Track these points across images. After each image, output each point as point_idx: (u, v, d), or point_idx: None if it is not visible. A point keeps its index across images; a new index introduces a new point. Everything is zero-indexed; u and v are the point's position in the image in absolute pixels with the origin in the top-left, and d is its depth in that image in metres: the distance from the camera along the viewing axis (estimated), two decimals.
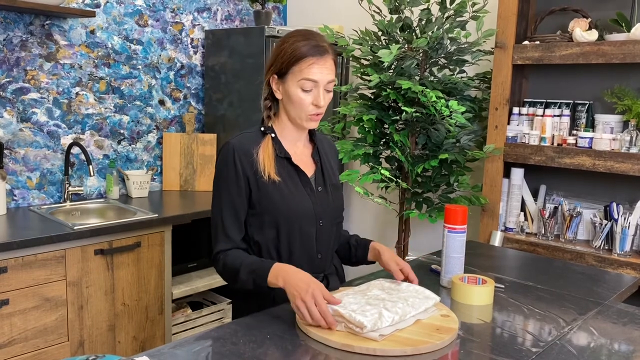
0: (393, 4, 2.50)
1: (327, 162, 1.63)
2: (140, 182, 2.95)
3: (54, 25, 2.67)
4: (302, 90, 1.45)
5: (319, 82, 1.45)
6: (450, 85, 2.50)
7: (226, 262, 1.47)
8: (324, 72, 1.45)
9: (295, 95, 1.46)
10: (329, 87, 1.48)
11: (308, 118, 1.49)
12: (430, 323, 1.32)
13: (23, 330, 2.15)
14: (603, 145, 2.17)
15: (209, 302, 3.07)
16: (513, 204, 2.43)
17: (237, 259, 1.46)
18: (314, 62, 1.44)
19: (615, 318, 1.46)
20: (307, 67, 1.43)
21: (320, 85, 1.45)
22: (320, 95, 1.46)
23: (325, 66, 1.45)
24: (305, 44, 1.44)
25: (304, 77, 1.44)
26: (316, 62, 1.44)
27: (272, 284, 1.38)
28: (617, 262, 2.10)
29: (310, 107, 1.47)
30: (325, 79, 1.46)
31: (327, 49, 1.47)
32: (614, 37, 2.19)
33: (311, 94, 1.46)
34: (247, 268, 1.43)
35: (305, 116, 1.48)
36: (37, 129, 2.67)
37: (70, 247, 2.24)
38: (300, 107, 1.47)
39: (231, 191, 1.49)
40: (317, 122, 1.52)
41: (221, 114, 3.20)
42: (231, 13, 3.42)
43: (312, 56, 1.43)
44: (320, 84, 1.45)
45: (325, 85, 1.46)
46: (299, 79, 1.44)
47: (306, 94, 1.46)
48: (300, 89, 1.45)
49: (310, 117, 1.49)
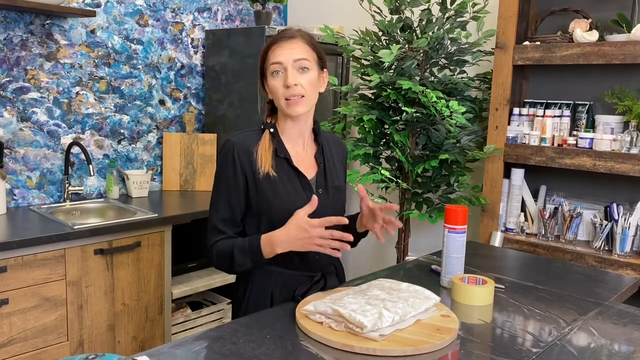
0: (393, 4, 2.50)
1: (332, 163, 1.61)
2: (140, 181, 2.95)
3: (54, 25, 2.67)
4: (272, 76, 1.47)
5: (284, 62, 1.45)
6: (451, 86, 2.50)
7: (219, 250, 1.48)
8: (287, 51, 1.45)
9: (270, 85, 1.48)
10: (300, 65, 1.45)
11: (286, 103, 1.46)
12: (431, 323, 1.31)
13: (22, 329, 2.15)
14: (603, 145, 2.17)
15: (208, 302, 3.06)
16: (513, 205, 2.43)
17: (227, 244, 1.48)
18: (277, 46, 1.46)
19: (616, 319, 1.45)
20: (272, 52, 1.46)
21: (287, 65, 1.44)
22: (288, 76, 1.44)
23: (290, 47, 1.45)
24: (274, 37, 1.48)
25: (270, 62, 1.46)
26: (279, 45, 1.46)
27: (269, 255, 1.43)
28: (618, 262, 2.10)
29: (281, 89, 1.45)
30: (290, 57, 1.45)
31: (295, 34, 1.48)
32: (614, 37, 2.19)
33: (280, 77, 1.46)
34: (239, 249, 1.45)
35: (284, 102, 1.46)
36: (37, 128, 2.67)
37: (70, 247, 2.24)
38: (276, 95, 1.47)
39: (229, 188, 1.49)
40: (297, 106, 1.46)
41: (221, 114, 3.19)
42: (231, 13, 3.42)
43: (275, 42, 1.47)
44: (287, 64, 1.44)
45: (292, 64, 1.45)
46: (268, 66, 1.47)
47: (277, 79, 1.46)
48: (272, 76, 1.47)
49: (287, 102, 1.46)
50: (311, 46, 1.49)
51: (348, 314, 1.25)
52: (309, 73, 1.47)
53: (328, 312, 1.29)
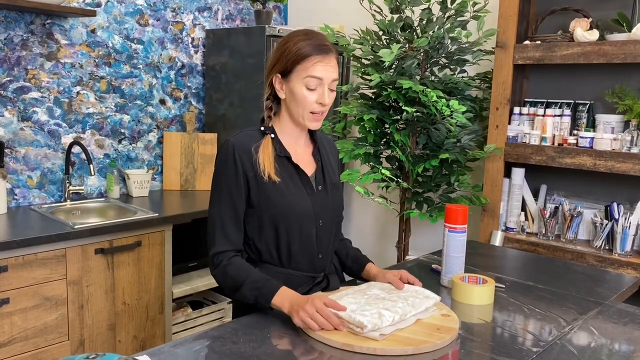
0: (394, 3, 2.50)
1: (328, 161, 1.63)
2: (141, 181, 2.95)
3: (54, 25, 2.67)
4: (307, 88, 1.46)
5: (324, 80, 1.46)
6: (451, 85, 2.50)
7: (228, 271, 1.44)
8: (329, 70, 1.46)
9: (299, 94, 1.46)
10: (332, 86, 1.49)
11: (310, 117, 1.49)
12: (431, 323, 1.32)
13: (23, 329, 2.15)
14: (604, 145, 2.17)
15: (209, 301, 3.07)
16: (514, 204, 2.43)
17: (241, 271, 1.43)
18: (319, 60, 1.45)
19: (616, 318, 1.45)
20: (312, 65, 1.44)
21: (325, 83, 1.46)
22: (325, 94, 1.46)
23: (330, 64, 1.47)
24: (310, 43, 1.46)
25: (309, 75, 1.45)
26: (321, 60, 1.45)
27: (276, 307, 1.36)
28: (618, 262, 2.10)
29: (314, 105, 1.47)
30: (330, 77, 1.47)
31: (331, 48, 1.48)
32: (615, 37, 2.18)
33: (315, 92, 1.46)
34: (251, 284, 1.40)
35: (308, 115, 1.48)
36: (37, 128, 2.67)
37: (70, 246, 2.24)
38: (304, 106, 1.47)
39: (231, 189, 1.48)
40: (319, 123, 1.52)
41: (222, 113, 3.20)
42: (232, 12, 3.42)
43: (317, 54, 1.45)
44: (325, 82, 1.46)
45: (329, 83, 1.47)
46: (304, 76, 1.45)
47: (310, 92, 1.46)
48: (305, 87, 1.46)
49: (313, 117, 1.49)
50: (338, 62, 1.52)
51: (347, 314, 1.25)
52: (334, 92, 1.50)
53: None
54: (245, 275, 1.42)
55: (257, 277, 1.41)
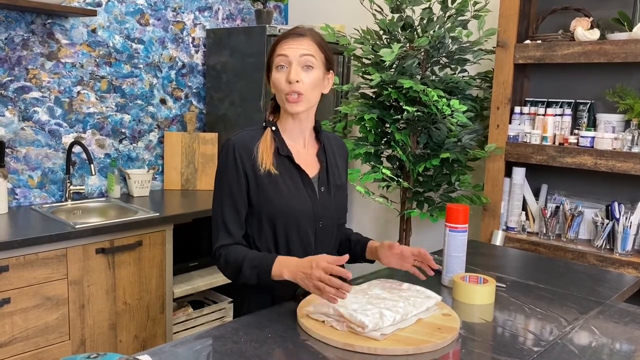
0: (394, 3, 2.50)
1: (334, 161, 1.61)
2: (142, 181, 2.95)
3: (55, 24, 2.67)
4: (277, 70, 1.47)
5: (290, 57, 1.45)
6: (452, 85, 2.50)
7: (228, 258, 1.47)
8: (295, 47, 1.46)
9: (273, 78, 1.48)
10: (305, 62, 1.45)
11: (286, 99, 1.46)
12: (432, 322, 1.32)
13: (24, 329, 2.15)
14: (605, 144, 2.16)
15: (210, 301, 3.07)
16: (514, 203, 2.43)
17: (239, 254, 1.45)
18: (286, 41, 1.47)
19: (617, 317, 1.45)
20: (279, 46, 1.47)
21: (292, 60, 1.45)
22: (292, 71, 1.44)
23: (298, 43, 1.46)
24: (284, 32, 1.49)
25: (276, 55, 1.47)
26: (288, 40, 1.47)
27: (276, 277, 1.39)
28: (619, 261, 2.10)
29: (284, 85, 1.45)
30: (296, 52, 1.45)
31: (305, 32, 1.48)
32: (615, 36, 2.18)
33: (285, 71, 1.46)
34: (250, 263, 1.42)
35: (284, 97, 1.46)
36: (38, 127, 2.68)
37: (71, 246, 2.24)
38: (278, 89, 1.48)
39: (232, 187, 1.48)
40: (297, 104, 1.46)
41: (222, 113, 3.20)
42: (232, 12, 3.42)
43: (284, 38, 1.47)
44: (292, 59, 1.45)
45: (298, 60, 1.45)
46: (274, 59, 1.47)
47: (281, 73, 1.46)
48: (276, 70, 1.47)
49: (287, 98, 1.46)
50: (320, 46, 1.49)
51: (349, 313, 1.25)
52: (313, 71, 1.47)
53: (329, 312, 1.29)
54: (243, 256, 1.44)
55: (254, 255, 1.44)
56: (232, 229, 1.49)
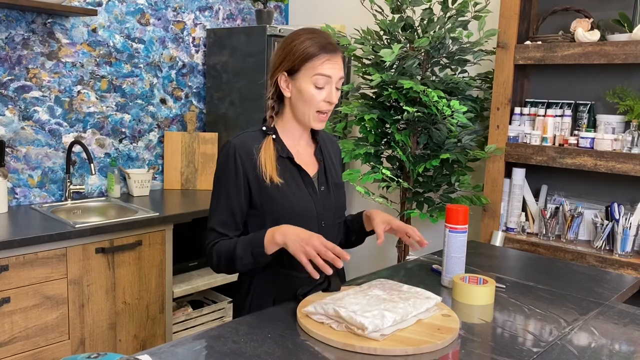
0: (395, 3, 2.50)
1: (330, 160, 1.63)
2: (142, 180, 2.95)
3: (55, 24, 2.67)
4: (315, 86, 1.46)
5: (332, 78, 1.47)
6: (452, 85, 2.50)
7: (220, 249, 1.47)
8: (337, 68, 1.47)
9: (307, 92, 1.47)
10: (339, 85, 1.50)
11: (316, 117, 1.49)
12: (432, 323, 1.32)
13: (24, 328, 2.15)
14: (605, 145, 2.16)
15: (209, 301, 3.07)
16: (514, 204, 2.43)
17: (229, 243, 1.47)
18: (327, 58, 1.46)
19: (617, 318, 1.45)
20: (321, 63, 1.45)
21: (333, 81, 1.47)
22: (332, 92, 1.47)
23: (337, 63, 1.48)
24: (318, 41, 1.47)
25: (318, 73, 1.45)
26: (329, 58, 1.46)
27: (271, 248, 1.40)
28: (618, 262, 2.10)
29: (321, 103, 1.48)
30: (338, 75, 1.48)
31: (337, 47, 1.50)
32: (616, 37, 2.18)
33: (324, 90, 1.47)
34: (242, 244, 1.44)
35: (314, 114, 1.49)
36: (38, 127, 2.68)
37: (71, 246, 2.25)
38: (312, 104, 1.48)
39: (230, 190, 1.49)
40: (324, 123, 1.52)
41: (222, 113, 3.20)
42: (233, 12, 3.42)
43: (325, 53, 1.46)
44: (333, 80, 1.47)
45: (336, 82, 1.48)
46: (313, 74, 1.45)
47: (318, 91, 1.47)
48: (313, 86, 1.46)
49: (318, 116, 1.50)
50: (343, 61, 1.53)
51: (349, 315, 1.25)
52: (339, 91, 1.51)
53: (329, 313, 1.29)
54: (234, 242, 1.46)
55: (244, 237, 1.46)
56: (227, 232, 1.50)
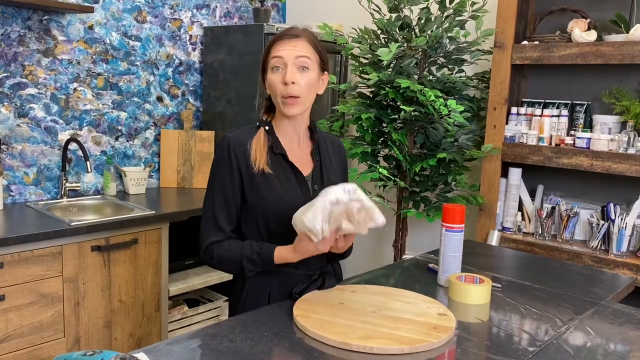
0: (392, 2, 2.50)
1: (329, 161, 1.61)
2: (138, 178, 2.94)
3: (52, 21, 2.66)
4: (272, 72, 1.46)
5: (285, 58, 1.44)
6: (449, 85, 2.50)
7: (221, 255, 1.48)
8: (290, 48, 1.45)
9: (269, 80, 1.48)
10: (301, 63, 1.45)
11: (283, 101, 1.46)
12: (428, 322, 1.32)
13: (19, 326, 2.14)
14: (601, 145, 2.17)
15: (205, 299, 3.06)
16: (510, 204, 2.44)
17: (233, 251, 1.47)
18: (281, 42, 1.46)
19: (612, 318, 1.46)
20: (274, 47, 1.47)
21: (288, 61, 1.44)
22: (287, 72, 1.44)
23: (294, 44, 1.46)
24: (279, 33, 1.48)
25: (271, 56, 1.46)
26: (283, 42, 1.46)
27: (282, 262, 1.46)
28: (614, 262, 2.11)
29: (280, 87, 1.45)
30: (292, 54, 1.45)
31: (300, 33, 1.48)
32: (612, 37, 2.19)
33: (280, 73, 1.46)
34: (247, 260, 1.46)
35: (280, 100, 1.46)
36: (34, 124, 2.66)
37: (66, 244, 2.24)
38: (274, 90, 1.47)
39: (225, 183, 1.49)
40: (293, 107, 1.46)
41: (219, 111, 3.19)
42: (230, 10, 3.41)
43: (280, 39, 1.47)
44: (287, 60, 1.44)
45: (294, 61, 1.45)
46: (270, 61, 1.47)
47: (276, 75, 1.46)
48: (272, 72, 1.47)
49: (283, 100, 1.46)
50: (314, 47, 1.49)
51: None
52: (309, 73, 1.47)
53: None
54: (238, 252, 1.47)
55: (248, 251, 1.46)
56: (222, 224, 1.50)
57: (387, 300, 1.44)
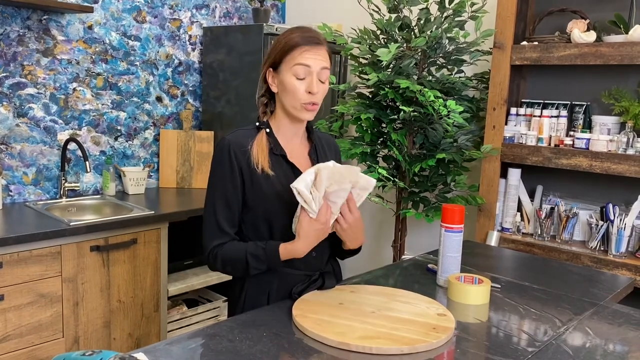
0: (392, 2, 2.50)
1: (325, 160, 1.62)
2: (137, 178, 2.94)
3: (51, 21, 2.66)
4: (296, 78, 1.45)
5: (312, 68, 1.45)
6: (449, 85, 2.50)
7: (225, 257, 1.47)
8: (317, 58, 1.45)
9: (289, 84, 1.46)
10: (322, 76, 1.47)
11: (302, 107, 1.47)
12: (427, 322, 1.32)
13: (18, 326, 2.14)
14: (600, 146, 2.17)
15: (204, 299, 3.06)
16: (510, 204, 2.44)
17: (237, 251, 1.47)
18: (307, 49, 1.45)
19: (611, 318, 1.46)
20: (300, 54, 1.45)
21: (314, 71, 1.45)
22: (313, 83, 1.45)
23: (319, 54, 1.46)
24: (299, 34, 1.47)
25: (297, 63, 1.44)
26: (309, 49, 1.45)
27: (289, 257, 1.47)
28: (613, 263, 2.11)
29: (304, 94, 1.46)
30: (318, 65, 1.45)
31: (321, 41, 1.48)
32: (612, 38, 2.19)
33: (305, 81, 1.46)
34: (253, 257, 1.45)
35: (300, 105, 1.47)
36: (33, 124, 2.66)
37: (66, 243, 2.24)
38: (294, 96, 1.46)
39: (226, 186, 1.49)
40: (312, 113, 1.49)
41: (218, 111, 3.19)
42: (230, 10, 3.41)
43: (305, 44, 1.45)
44: (314, 70, 1.45)
45: (318, 72, 1.46)
46: (292, 65, 1.45)
47: (300, 82, 1.45)
48: (294, 77, 1.45)
49: (304, 107, 1.47)
50: (330, 55, 1.51)
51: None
52: (326, 83, 1.49)
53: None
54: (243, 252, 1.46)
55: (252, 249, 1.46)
56: (224, 227, 1.49)
57: (387, 300, 1.44)
